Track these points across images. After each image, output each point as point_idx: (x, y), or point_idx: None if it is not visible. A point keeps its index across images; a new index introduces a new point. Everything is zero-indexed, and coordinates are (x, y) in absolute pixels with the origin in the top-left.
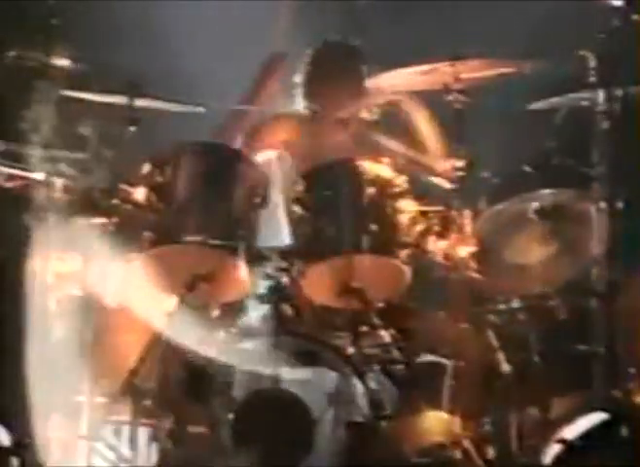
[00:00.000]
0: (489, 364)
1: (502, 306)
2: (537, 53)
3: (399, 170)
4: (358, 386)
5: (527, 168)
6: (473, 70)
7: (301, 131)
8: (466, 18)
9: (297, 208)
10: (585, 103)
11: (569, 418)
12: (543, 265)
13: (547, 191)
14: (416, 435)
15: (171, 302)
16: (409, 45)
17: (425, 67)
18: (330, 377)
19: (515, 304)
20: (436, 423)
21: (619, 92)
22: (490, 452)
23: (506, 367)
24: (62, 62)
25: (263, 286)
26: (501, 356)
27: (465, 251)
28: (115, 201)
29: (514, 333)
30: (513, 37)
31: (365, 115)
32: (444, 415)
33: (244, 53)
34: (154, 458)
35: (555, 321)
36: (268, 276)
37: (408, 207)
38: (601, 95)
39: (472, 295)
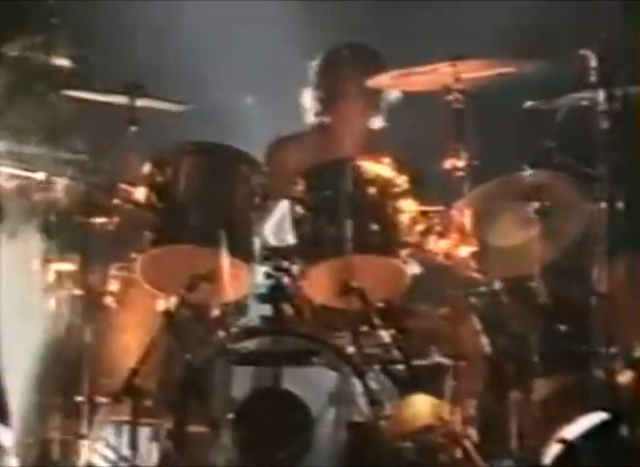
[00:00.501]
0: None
1: (484, 288)
2: (537, 54)
3: (399, 170)
4: (358, 386)
5: (527, 168)
6: (473, 70)
7: (310, 150)
8: (466, 18)
9: (297, 208)
10: (585, 103)
11: (570, 418)
12: (526, 246)
13: (529, 171)
14: (404, 419)
15: (171, 302)
16: (409, 45)
17: (425, 67)
18: (330, 377)
19: (497, 285)
20: (424, 407)
21: (619, 92)
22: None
23: (488, 349)
24: (62, 62)
25: (263, 286)
26: (484, 339)
27: (466, 251)
28: (115, 201)
29: (496, 315)
30: (513, 37)
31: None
32: (431, 399)
33: (245, 54)
34: (154, 458)
35: (537, 303)
36: (269, 276)
37: (408, 207)
38: (601, 95)
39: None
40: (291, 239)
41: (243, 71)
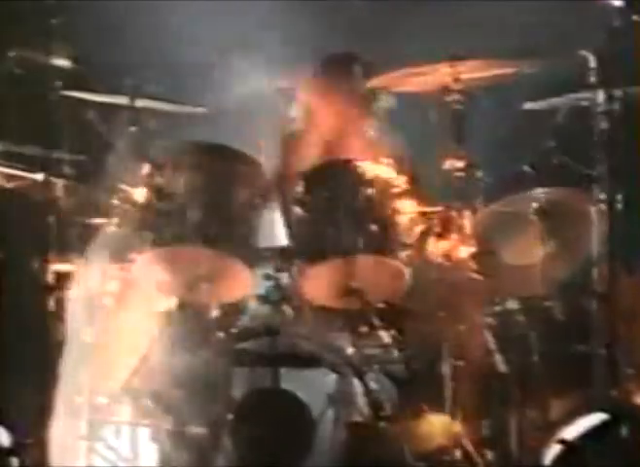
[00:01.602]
0: (488, 365)
1: (499, 308)
2: (537, 53)
3: (399, 171)
4: (358, 386)
5: (527, 168)
6: (472, 70)
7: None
8: (466, 18)
9: (297, 209)
10: (585, 103)
11: (568, 419)
12: (540, 265)
13: (542, 189)
14: (418, 439)
15: (171, 302)
16: (409, 45)
17: (424, 67)
18: (330, 378)
19: (513, 304)
20: (438, 427)
21: (618, 93)
22: (490, 454)
23: (503, 368)
24: (62, 62)
25: (263, 286)
26: (499, 357)
27: (465, 252)
28: (115, 202)
29: (512, 334)
30: (512, 37)
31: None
32: (445, 418)
33: (245, 54)
34: (154, 459)
35: (554, 322)
36: (268, 277)
37: (407, 208)
38: (601, 96)
39: (470, 296)
40: (283, 241)
41: (243, 72)
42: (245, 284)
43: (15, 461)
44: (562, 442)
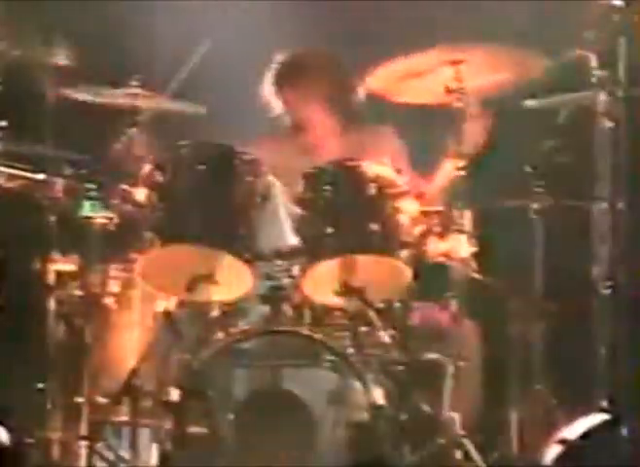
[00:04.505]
0: (489, 363)
1: (501, 306)
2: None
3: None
4: (358, 386)
5: (527, 168)
6: (474, 72)
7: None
8: (465, 18)
9: (297, 208)
10: (585, 103)
11: (570, 418)
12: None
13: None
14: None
15: (171, 302)
16: (408, 44)
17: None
18: (330, 377)
19: (514, 303)
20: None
21: (619, 93)
22: (490, 454)
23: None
24: (62, 62)
25: (263, 286)
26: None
27: (466, 251)
28: (115, 201)
29: (512, 333)
30: (512, 37)
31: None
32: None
33: (246, 54)
34: (153, 459)
35: (555, 320)
36: (269, 276)
37: (408, 207)
38: (601, 96)
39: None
40: (289, 240)
41: (244, 72)
42: (245, 284)
43: (15, 461)
44: (562, 442)
